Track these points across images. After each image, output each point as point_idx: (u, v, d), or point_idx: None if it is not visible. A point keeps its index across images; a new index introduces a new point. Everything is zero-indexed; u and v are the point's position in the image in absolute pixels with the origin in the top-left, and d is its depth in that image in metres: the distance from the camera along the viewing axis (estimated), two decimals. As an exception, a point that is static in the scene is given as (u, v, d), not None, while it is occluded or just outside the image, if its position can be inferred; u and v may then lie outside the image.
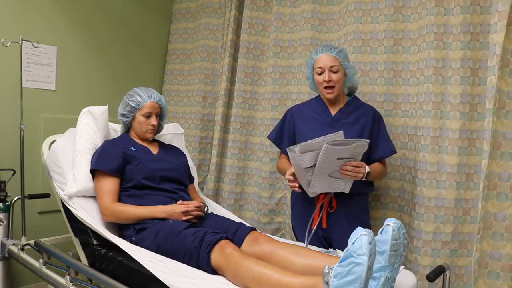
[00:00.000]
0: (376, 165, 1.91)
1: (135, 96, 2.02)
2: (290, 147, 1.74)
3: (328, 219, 1.91)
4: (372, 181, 2.00)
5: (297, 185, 1.80)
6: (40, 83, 2.63)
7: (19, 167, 2.27)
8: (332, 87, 1.89)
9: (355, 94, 2.06)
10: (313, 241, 1.89)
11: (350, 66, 1.93)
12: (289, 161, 1.83)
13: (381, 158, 1.96)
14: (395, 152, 1.99)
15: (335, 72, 1.88)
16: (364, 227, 1.17)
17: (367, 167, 1.80)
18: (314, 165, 1.71)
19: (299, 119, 2.01)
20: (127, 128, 2.10)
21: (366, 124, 1.93)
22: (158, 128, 2.14)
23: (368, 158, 1.90)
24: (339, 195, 1.87)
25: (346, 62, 1.91)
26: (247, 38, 2.79)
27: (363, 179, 1.80)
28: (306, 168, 1.72)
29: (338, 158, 1.69)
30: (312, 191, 1.79)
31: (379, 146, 1.95)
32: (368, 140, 1.70)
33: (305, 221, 1.92)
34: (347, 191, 1.79)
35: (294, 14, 2.67)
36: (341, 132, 1.71)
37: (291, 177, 1.81)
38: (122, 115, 2.05)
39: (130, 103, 2.01)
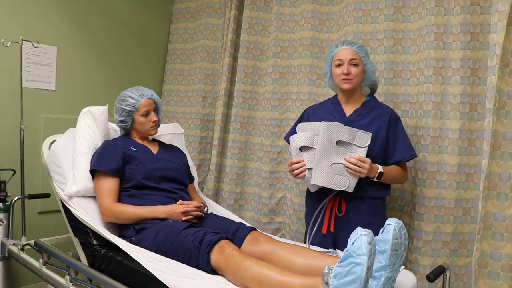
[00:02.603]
0: (392, 167, 1.86)
1: (127, 99, 1.99)
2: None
3: (336, 223, 1.87)
4: (389, 185, 1.92)
5: (298, 171, 1.78)
6: (40, 83, 2.63)
7: (19, 167, 2.27)
8: (350, 79, 1.85)
9: (374, 95, 2.01)
10: (319, 245, 1.86)
11: (370, 62, 1.89)
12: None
13: (398, 163, 1.88)
14: (414, 156, 1.90)
15: (355, 65, 1.84)
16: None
17: (380, 166, 1.77)
18: (309, 148, 1.74)
19: (314, 120, 1.97)
20: (127, 132, 2.09)
21: (382, 127, 1.86)
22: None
23: (384, 163, 1.85)
24: (349, 199, 1.85)
25: (366, 58, 1.87)
26: (247, 38, 2.79)
27: (375, 179, 1.78)
28: (300, 148, 1.76)
29: (337, 142, 1.69)
30: (314, 183, 1.75)
31: (396, 150, 1.87)
32: (370, 134, 1.68)
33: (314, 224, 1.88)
34: (350, 190, 1.75)
35: (294, 14, 2.67)
36: (340, 124, 1.75)
37: (292, 163, 1.80)
38: (121, 121, 2.03)
39: (125, 107, 1.99)
